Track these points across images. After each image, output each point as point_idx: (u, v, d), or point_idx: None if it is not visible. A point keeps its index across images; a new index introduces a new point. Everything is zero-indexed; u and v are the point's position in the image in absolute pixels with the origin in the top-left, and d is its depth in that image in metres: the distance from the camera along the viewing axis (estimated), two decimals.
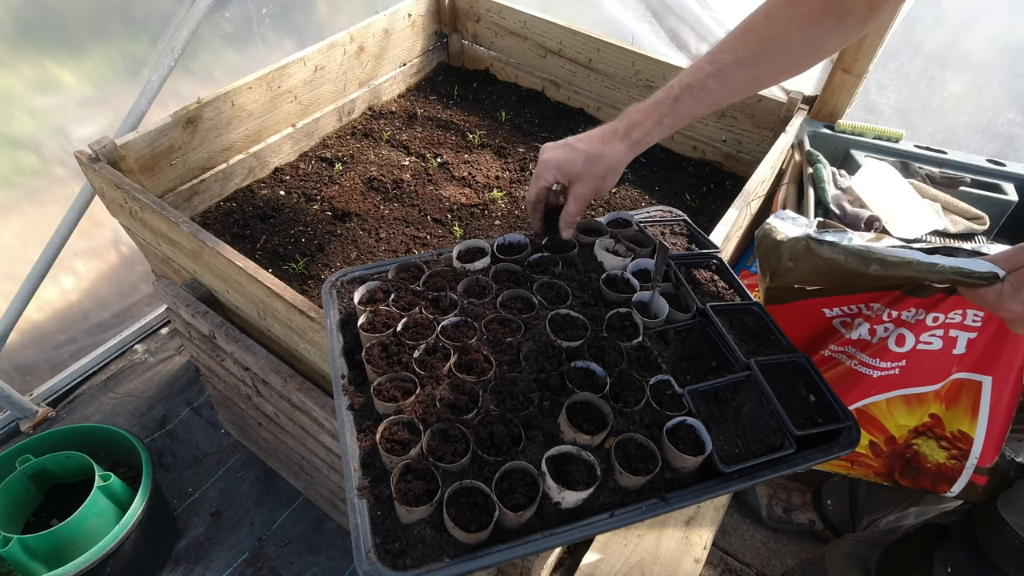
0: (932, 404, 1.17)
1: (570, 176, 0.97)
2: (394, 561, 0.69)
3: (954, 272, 0.95)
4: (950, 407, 1.16)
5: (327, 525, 1.81)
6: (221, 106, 1.51)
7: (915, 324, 1.13)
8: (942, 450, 1.20)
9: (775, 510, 1.86)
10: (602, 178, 0.97)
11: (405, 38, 1.98)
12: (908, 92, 1.88)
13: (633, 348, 0.93)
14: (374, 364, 0.87)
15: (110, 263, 2.00)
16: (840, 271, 1.05)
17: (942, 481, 1.23)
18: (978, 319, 1.08)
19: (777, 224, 1.17)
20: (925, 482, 1.25)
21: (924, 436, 1.21)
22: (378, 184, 1.70)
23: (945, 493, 1.24)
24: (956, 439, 1.18)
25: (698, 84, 0.92)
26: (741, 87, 0.95)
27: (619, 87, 1.87)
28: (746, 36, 0.92)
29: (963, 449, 1.17)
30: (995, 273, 0.91)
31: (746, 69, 0.92)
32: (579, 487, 0.74)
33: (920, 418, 1.19)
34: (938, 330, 1.11)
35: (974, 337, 1.09)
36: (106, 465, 1.65)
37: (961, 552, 1.16)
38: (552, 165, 0.97)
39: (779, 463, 0.81)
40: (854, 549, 1.49)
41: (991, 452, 1.16)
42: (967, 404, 1.14)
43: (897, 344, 1.15)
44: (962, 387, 1.14)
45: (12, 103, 1.55)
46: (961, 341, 1.10)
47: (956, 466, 1.20)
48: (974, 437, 1.15)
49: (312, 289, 1.42)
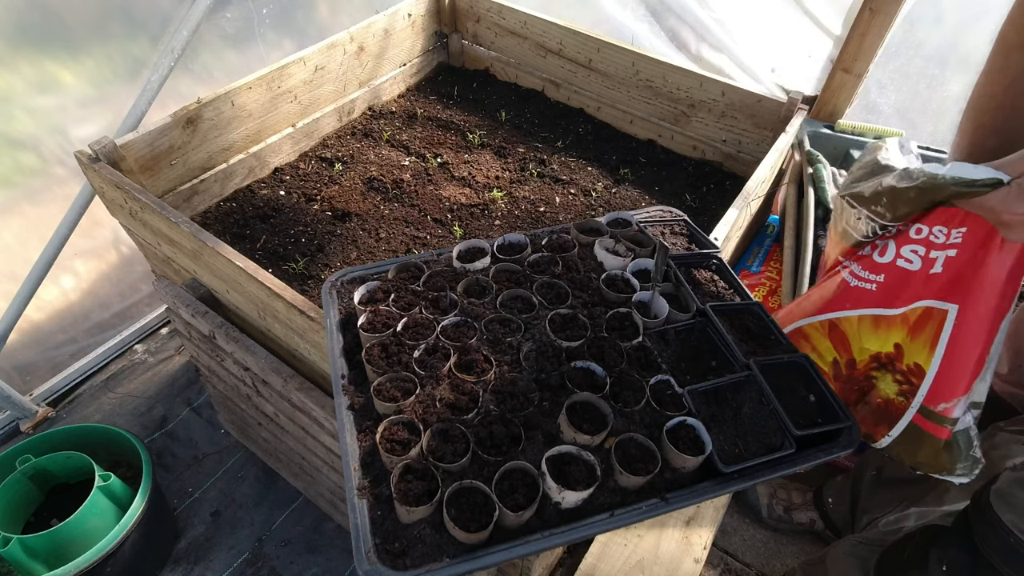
0: (898, 331, 1.11)
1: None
2: (394, 561, 0.69)
3: (955, 182, 0.93)
4: (914, 337, 1.09)
5: (327, 525, 1.81)
6: (221, 106, 1.51)
7: (900, 235, 1.09)
8: (895, 384, 1.13)
9: (775, 510, 1.86)
10: None
11: (405, 38, 1.98)
12: (908, 92, 1.89)
13: (633, 348, 0.93)
14: (374, 364, 0.87)
15: (110, 263, 2.00)
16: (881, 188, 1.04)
17: (883, 422, 1.14)
18: (959, 236, 1.02)
19: (892, 149, 1.13)
20: (868, 422, 1.17)
21: (883, 368, 1.14)
22: (378, 184, 1.70)
23: (882, 440, 1.15)
24: (910, 372, 1.10)
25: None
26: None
27: (619, 87, 1.87)
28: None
29: (914, 384, 1.10)
30: (999, 179, 0.89)
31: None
32: (579, 487, 0.74)
33: (884, 345, 1.13)
34: (919, 246, 1.06)
35: (953, 256, 1.03)
36: (106, 465, 1.65)
37: (955, 549, 1.16)
38: None
39: (779, 463, 0.81)
40: (855, 550, 1.49)
41: (945, 390, 1.07)
42: (929, 335, 1.06)
43: (880, 255, 1.11)
44: (929, 316, 1.06)
45: (12, 103, 1.55)
46: (939, 261, 1.04)
47: (902, 404, 1.12)
48: (927, 370, 1.07)
49: (312, 289, 1.42)
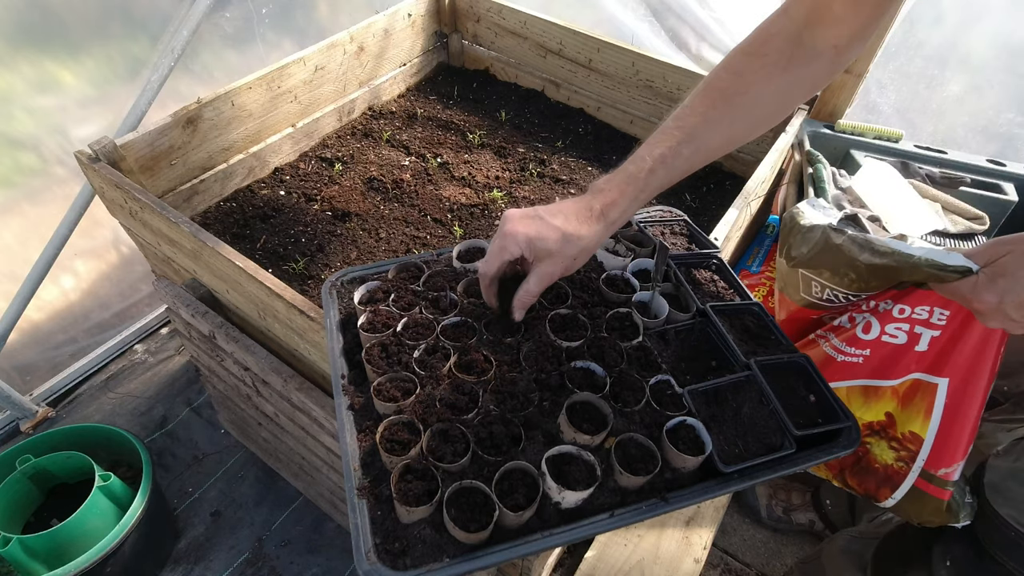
0: (888, 401, 1.15)
1: (539, 253, 0.85)
2: (394, 561, 0.69)
3: (928, 264, 0.96)
4: (905, 407, 1.14)
5: (327, 525, 1.81)
6: (221, 106, 1.51)
7: (883, 314, 1.12)
8: (891, 451, 1.17)
9: (775, 510, 1.86)
10: (574, 259, 0.86)
11: (405, 38, 1.98)
12: (908, 92, 1.88)
13: (633, 348, 0.93)
14: (374, 364, 0.87)
15: (110, 263, 2.00)
16: (840, 258, 1.07)
17: (885, 485, 1.19)
18: (943, 318, 1.06)
19: (806, 210, 1.17)
20: (871, 484, 1.21)
21: (877, 436, 1.19)
22: (378, 184, 1.70)
23: (886, 501, 1.19)
24: (906, 440, 1.15)
25: (671, 153, 0.85)
26: (715, 148, 0.88)
27: (619, 87, 1.87)
28: (712, 94, 0.86)
29: (912, 451, 1.14)
30: (968, 267, 0.92)
31: (718, 129, 0.86)
32: (579, 487, 0.74)
33: (876, 414, 1.17)
34: (903, 324, 1.10)
35: (937, 335, 1.07)
36: (106, 465, 1.65)
37: (959, 546, 1.16)
38: (521, 239, 0.84)
39: (779, 463, 0.81)
40: (849, 545, 1.48)
41: (944, 456, 1.11)
42: (922, 406, 1.11)
43: (864, 331, 1.14)
44: (918, 388, 1.12)
45: (12, 103, 1.55)
46: (924, 339, 1.08)
47: (902, 469, 1.16)
48: (924, 438, 1.12)
49: (312, 289, 1.42)
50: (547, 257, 0.85)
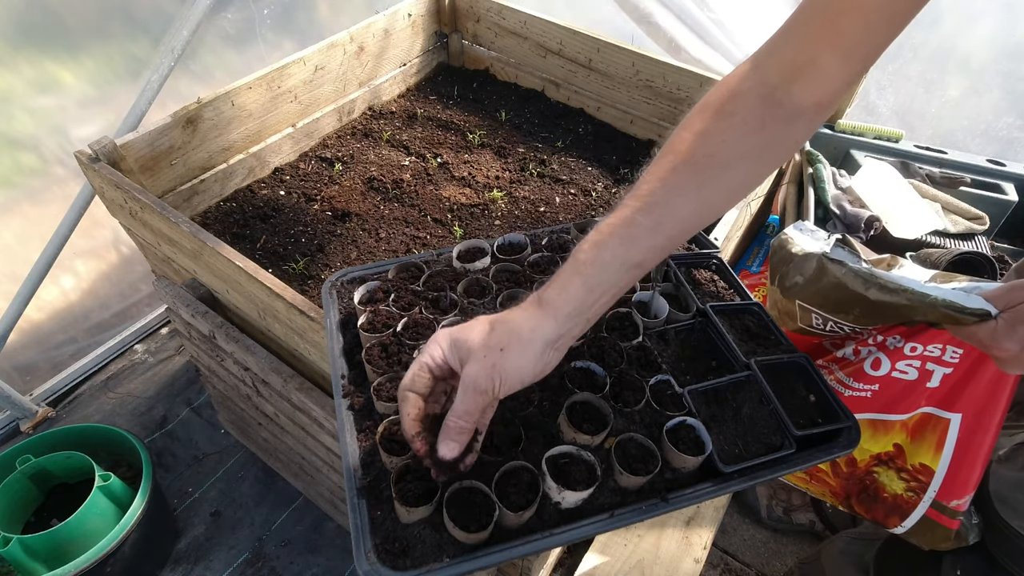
0: (897, 434, 1.14)
1: (462, 352, 0.70)
2: (394, 561, 0.69)
3: (945, 305, 0.90)
4: (914, 440, 1.13)
5: (327, 525, 1.81)
6: (221, 106, 1.51)
7: (893, 351, 1.10)
8: (901, 481, 1.16)
9: (775, 510, 1.86)
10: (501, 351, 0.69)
11: (405, 38, 1.98)
12: (907, 94, 1.89)
13: (633, 348, 0.93)
14: (374, 364, 0.87)
15: (110, 263, 2.00)
16: (843, 293, 1.02)
17: (895, 513, 1.18)
18: (956, 356, 1.04)
19: (795, 236, 1.13)
20: (879, 512, 1.21)
21: (885, 465, 1.18)
22: (378, 184, 1.70)
23: (895, 528, 1.19)
24: (917, 471, 1.13)
25: (622, 223, 0.70)
26: (686, 218, 0.72)
27: (619, 87, 1.87)
28: (670, 158, 0.72)
29: (923, 482, 1.13)
30: (987, 311, 0.87)
31: (684, 196, 0.71)
32: (579, 487, 0.74)
33: (884, 446, 1.16)
34: (915, 360, 1.08)
35: (949, 373, 1.05)
36: (106, 465, 1.65)
37: (971, 555, 1.15)
38: (442, 338, 0.72)
39: (779, 463, 0.80)
40: (849, 546, 1.49)
41: (956, 489, 1.10)
42: (932, 440, 1.10)
43: (873, 368, 1.12)
44: (928, 422, 1.10)
45: (12, 103, 1.55)
46: (936, 375, 1.06)
47: (912, 499, 1.15)
48: (935, 470, 1.11)
49: (312, 289, 1.42)
50: (469, 356, 0.69)
